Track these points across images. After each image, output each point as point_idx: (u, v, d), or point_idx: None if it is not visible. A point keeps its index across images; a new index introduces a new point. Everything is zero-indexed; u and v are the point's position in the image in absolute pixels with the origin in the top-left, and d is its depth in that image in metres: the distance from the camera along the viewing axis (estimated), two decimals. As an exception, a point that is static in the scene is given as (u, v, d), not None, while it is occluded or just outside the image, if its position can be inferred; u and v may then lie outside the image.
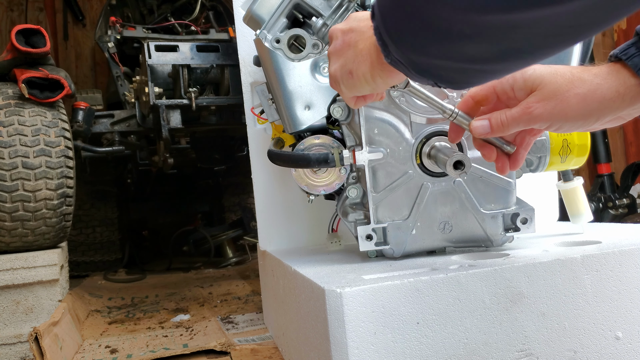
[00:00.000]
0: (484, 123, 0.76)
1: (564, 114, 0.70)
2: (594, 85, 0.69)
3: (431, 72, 0.59)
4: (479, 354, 0.97)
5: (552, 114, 0.70)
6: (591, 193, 2.85)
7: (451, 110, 0.82)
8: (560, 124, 0.71)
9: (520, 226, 1.16)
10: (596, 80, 0.69)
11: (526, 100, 0.73)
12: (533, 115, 0.71)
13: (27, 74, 1.87)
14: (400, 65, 0.60)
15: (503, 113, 0.74)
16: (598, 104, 0.69)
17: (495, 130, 0.75)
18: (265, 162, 1.41)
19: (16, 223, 1.78)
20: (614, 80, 0.69)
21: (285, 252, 1.47)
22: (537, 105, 0.71)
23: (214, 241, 3.09)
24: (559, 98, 0.70)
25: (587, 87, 0.69)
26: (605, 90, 0.68)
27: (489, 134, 0.77)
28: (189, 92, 2.29)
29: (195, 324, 1.85)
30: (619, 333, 1.04)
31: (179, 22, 2.91)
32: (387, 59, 0.61)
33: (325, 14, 1.04)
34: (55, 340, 1.48)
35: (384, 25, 0.58)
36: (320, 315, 0.96)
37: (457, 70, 0.57)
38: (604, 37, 3.46)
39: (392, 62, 0.61)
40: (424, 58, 0.57)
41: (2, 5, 3.94)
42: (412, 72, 0.60)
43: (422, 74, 0.60)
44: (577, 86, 0.70)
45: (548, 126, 0.73)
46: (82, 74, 4.09)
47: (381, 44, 0.60)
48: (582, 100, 0.69)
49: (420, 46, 0.55)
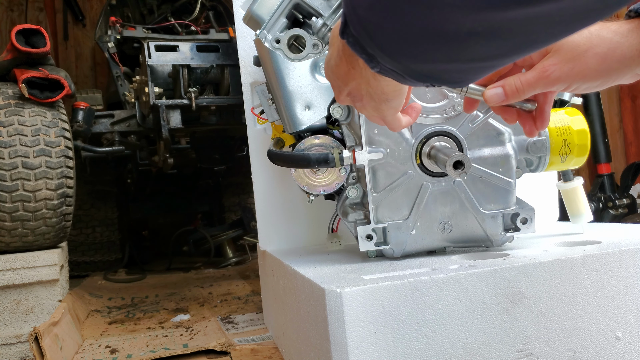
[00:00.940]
0: (497, 91, 0.73)
1: (583, 75, 0.67)
2: (613, 44, 0.67)
3: (432, 77, 0.57)
4: (479, 354, 0.97)
5: (569, 76, 0.68)
6: (591, 193, 2.85)
7: (460, 88, 0.79)
8: (579, 84, 0.69)
9: (520, 226, 1.16)
10: (616, 38, 0.67)
11: (542, 63, 0.70)
12: (551, 78, 0.68)
13: (27, 74, 1.87)
14: (392, 73, 0.57)
15: (517, 78, 0.71)
16: (618, 63, 0.67)
17: (510, 97, 0.72)
18: (265, 162, 1.41)
19: (16, 223, 1.78)
20: (635, 38, 0.66)
21: (285, 252, 1.47)
22: (555, 67, 0.68)
23: (214, 241, 3.09)
24: (577, 59, 0.67)
25: (606, 45, 0.67)
26: (625, 48, 0.66)
27: (504, 102, 0.73)
28: (189, 92, 2.29)
29: (195, 324, 1.85)
30: (619, 333, 1.04)
31: (179, 22, 2.91)
32: (375, 69, 0.57)
33: (325, 14, 1.04)
34: (55, 340, 1.48)
35: (369, 38, 0.54)
36: (320, 315, 0.96)
37: (463, 71, 0.56)
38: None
39: (382, 71, 0.57)
40: (426, 64, 0.54)
41: (2, 5, 3.94)
42: (407, 78, 0.57)
43: (420, 80, 0.57)
44: (596, 45, 0.67)
45: (566, 87, 0.70)
46: (82, 74, 4.09)
47: (365, 57, 0.56)
48: (602, 61, 0.67)
49: (422, 54, 0.52)
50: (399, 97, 0.70)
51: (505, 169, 1.15)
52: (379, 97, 0.68)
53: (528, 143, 1.20)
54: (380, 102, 0.69)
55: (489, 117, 1.14)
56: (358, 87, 0.68)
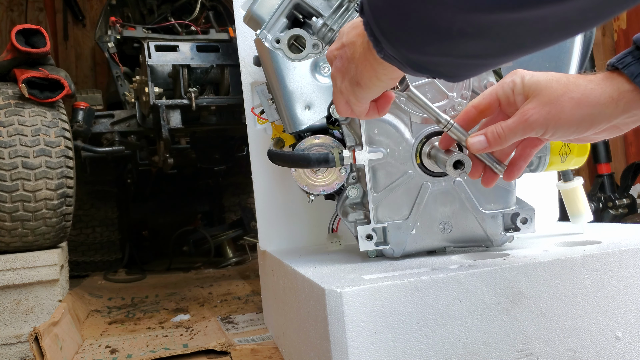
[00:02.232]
0: (480, 139, 0.76)
1: (557, 119, 0.70)
2: (587, 90, 0.69)
3: (428, 68, 0.59)
4: (479, 354, 0.97)
5: (547, 119, 0.70)
6: (591, 193, 2.85)
7: (446, 121, 0.81)
8: (555, 129, 0.71)
9: (520, 226, 1.16)
10: (590, 85, 0.70)
11: (522, 108, 0.73)
12: (529, 122, 0.71)
13: (27, 74, 1.87)
14: (394, 60, 0.59)
15: (499, 125, 0.74)
16: (591, 108, 0.69)
17: (493, 144, 0.75)
18: (265, 162, 1.41)
19: (16, 223, 1.78)
20: (608, 86, 0.69)
21: (285, 252, 1.47)
22: (533, 111, 0.71)
23: (214, 241, 3.09)
24: (553, 103, 0.70)
25: (581, 91, 0.69)
26: (598, 94, 0.69)
27: (487, 149, 0.76)
28: (189, 92, 2.29)
29: (195, 324, 1.85)
30: (619, 333, 1.04)
31: (179, 22, 2.91)
32: (379, 54, 0.60)
33: (325, 14, 1.04)
34: (55, 340, 1.48)
35: (375, 23, 0.57)
36: (320, 315, 0.96)
37: (456, 66, 0.57)
38: (604, 37, 3.46)
39: (385, 57, 0.60)
40: (421, 56, 0.56)
41: (2, 5, 3.94)
42: (407, 68, 0.59)
43: (418, 70, 0.59)
44: (571, 90, 0.70)
45: (543, 133, 0.72)
46: (82, 74, 4.09)
47: (373, 39, 0.59)
48: (576, 105, 0.69)
49: (418, 45, 0.55)
50: (370, 89, 0.71)
51: (505, 169, 1.15)
52: (353, 78, 0.70)
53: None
54: (353, 84, 0.71)
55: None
56: (351, 61, 0.70)
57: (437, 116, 0.82)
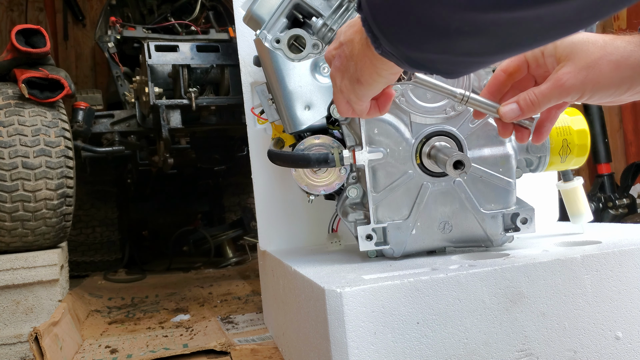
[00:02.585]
0: (512, 107, 0.73)
1: (596, 83, 0.68)
2: (627, 52, 0.67)
3: (426, 65, 0.58)
4: (479, 354, 0.97)
5: (584, 84, 0.68)
6: (591, 193, 2.85)
7: (462, 95, 0.78)
8: (592, 93, 0.69)
9: (520, 226, 1.16)
10: (629, 47, 0.68)
11: (556, 73, 0.70)
12: (565, 87, 0.69)
13: (27, 74, 1.87)
14: (392, 56, 0.59)
15: (531, 92, 0.72)
16: (631, 71, 0.67)
17: (526, 112, 0.73)
18: (265, 162, 1.41)
19: (16, 223, 1.78)
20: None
21: (285, 252, 1.47)
22: (569, 76, 0.69)
23: (214, 241, 3.09)
24: (591, 66, 0.68)
25: (620, 53, 0.67)
26: (639, 56, 0.67)
27: (520, 117, 0.74)
28: (189, 92, 2.29)
29: (195, 324, 1.85)
30: (619, 333, 1.04)
31: (179, 22, 2.91)
32: (377, 50, 0.60)
33: (325, 14, 1.04)
34: (55, 340, 1.48)
35: (373, 19, 0.57)
36: (320, 315, 0.96)
37: (454, 63, 0.57)
38: (604, 37, 3.46)
39: (383, 53, 0.59)
40: (419, 53, 0.56)
41: (2, 5, 3.95)
42: (405, 64, 0.59)
43: (415, 67, 0.59)
44: (609, 52, 0.68)
45: (580, 97, 0.70)
46: (82, 74, 4.09)
47: (371, 36, 0.59)
48: (616, 67, 0.67)
49: (415, 42, 0.55)
50: (371, 86, 0.70)
51: (505, 169, 1.15)
52: (353, 76, 0.69)
53: (528, 143, 1.20)
54: (353, 82, 0.70)
55: (489, 117, 1.14)
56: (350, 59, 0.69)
57: (451, 93, 0.79)
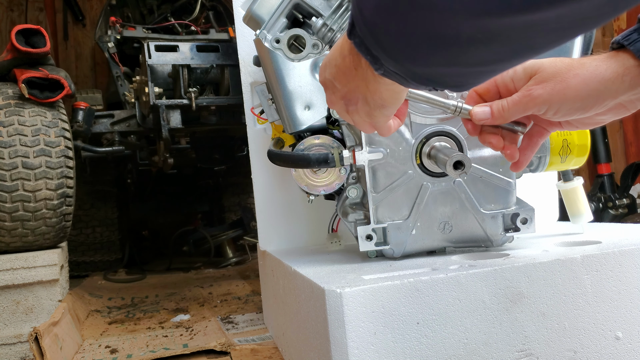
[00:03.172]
0: (485, 109, 0.77)
1: (563, 94, 0.70)
2: (592, 67, 0.69)
3: (434, 80, 0.57)
4: (479, 354, 0.97)
5: (551, 94, 0.70)
6: (591, 193, 2.85)
7: (454, 107, 0.81)
8: (559, 105, 0.71)
9: (520, 226, 1.16)
10: (595, 62, 0.70)
11: (526, 85, 0.73)
12: (532, 96, 0.71)
13: (27, 74, 1.87)
14: (395, 75, 0.57)
15: (504, 100, 0.75)
16: (597, 84, 0.69)
17: (497, 117, 0.76)
18: (265, 162, 1.41)
19: (16, 223, 1.78)
20: (614, 63, 0.69)
21: (285, 252, 1.47)
22: (537, 87, 0.71)
23: (214, 241, 3.09)
24: (558, 78, 0.70)
25: (586, 68, 0.70)
26: (603, 70, 0.69)
27: (489, 120, 0.77)
28: (189, 92, 2.29)
29: (195, 324, 1.85)
30: (619, 333, 1.04)
31: (179, 22, 2.91)
32: (379, 72, 0.58)
33: (325, 14, 1.04)
34: (55, 340, 1.48)
35: (373, 40, 0.54)
36: (320, 315, 0.96)
37: (463, 75, 0.56)
38: (604, 37, 3.46)
39: (386, 73, 0.58)
40: (427, 68, 0.55)
41: (2, 5, 3.95)
42: (410, 81, 0.58)
43: (422, 83, 0.57)
44: (576, 67, 0.70)
45: (547, 109, 0.72)
46: (82, 74, 4.09)
47: (370, 58, 0.57)
48: (582, 81, 0.69)
49: (423, 57, 0.53)
50: (394, 105, 0.70)
51: (505, 169, 1.15)
52: (375, 103, 0.68)
53: (528, 143, 1.20)
54: (375, 108, 0.70)
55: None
56: (356, 89, 0.68)
57: (444, 105, 0.82)
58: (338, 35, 1.13)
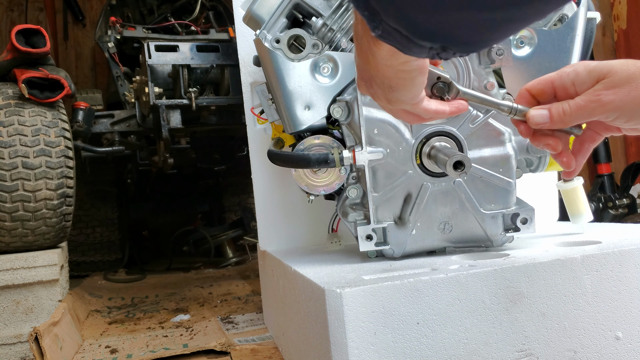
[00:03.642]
0: (543, 112, 0.70)
1: (638, 102, 0.65)
2: None
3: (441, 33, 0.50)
4: (479, 354, 0.97)
5: (624, 102, 0.65)
6: (591, 193, 2.85)
7: (509, 107, 0.75)
8: (631, 114, 0.66)
9: (520, 226, 1.15)
10: None
11: (593, 89, 0.67)
12: (602, 102, 0.65)
13: (27, 74, 1.87)
14: (395, 33, 0.50)
15: (566, 103, 0.68)
16: None
17: (556, 121, 0.69)
18: (265, 162, 1.41)
19: (16, 223, 1.78)
20: None
21: (285, 252, 1.47)
22: (607, 92, 0.65)
23: (214, 241, 3.09)
24: (633, 84, 0.64)
25: None
26: None
27: (547, 125, 0.70)
28: (189, 92, 2.29)
29: (195, 324, 1.85)
30: (619, 333, 1.04)
31: (179, 22, 2.92)
32: (376, 32, 0.51)
33: (325, 14, 1.04)
34: (55, 340, 1.48)
35: None
36: (320, 315, 0.96)
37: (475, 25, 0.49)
38: (604, 37, 3.46)
39: (384, 32, 0.51)
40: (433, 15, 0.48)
41: (2, 5, 3.95)
42: (412, 39, 0.51)
43: (427, 38, 0.50)
44: None
45: (616, 117, 0.67)
46: (82, 74, 4.09)
47: (367, 14, 0.50)
48: None
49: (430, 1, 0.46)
50: (405, 87, 0.64)
51: (506, 169, 1.15)
52: (383, 84, 0.64)
53: (528, 143, 1.20)
54: (388, 91, 0.64)
55: (489, 117, 1.14)
56: (366, 64, 0.64)
57: (498, 106, 0.76)
58: (338, 35, 1.13)
